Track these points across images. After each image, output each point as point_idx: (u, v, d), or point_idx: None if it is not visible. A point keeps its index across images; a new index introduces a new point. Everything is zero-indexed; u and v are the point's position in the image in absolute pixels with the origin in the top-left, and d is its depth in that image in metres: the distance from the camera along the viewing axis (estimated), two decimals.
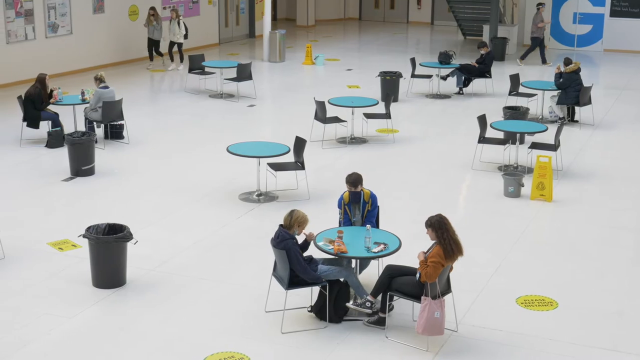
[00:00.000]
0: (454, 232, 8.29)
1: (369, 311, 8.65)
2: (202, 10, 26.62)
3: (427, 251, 8.38)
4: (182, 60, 22.68)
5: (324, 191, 12.68)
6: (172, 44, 22.60)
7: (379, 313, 8.62)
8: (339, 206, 9.60)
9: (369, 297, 8.63)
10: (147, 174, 13.70)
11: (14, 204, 12.15)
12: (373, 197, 9.54)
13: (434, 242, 8.34)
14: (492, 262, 10.37)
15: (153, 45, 22.72)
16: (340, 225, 9.53)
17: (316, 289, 8.79)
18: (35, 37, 20.71)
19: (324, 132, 15.46)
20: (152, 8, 22.67)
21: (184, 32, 22.32)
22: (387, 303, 8.57)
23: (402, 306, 8.92)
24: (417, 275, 8.33)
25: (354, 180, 9.46)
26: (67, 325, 8.62)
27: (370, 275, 9.39)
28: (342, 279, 8.73)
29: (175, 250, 10.59)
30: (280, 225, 8.65)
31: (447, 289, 8.47)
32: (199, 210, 12.10)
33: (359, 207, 9.49)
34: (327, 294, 8.59)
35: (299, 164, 12.64)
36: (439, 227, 8.27)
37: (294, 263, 8.42)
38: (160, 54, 22.88)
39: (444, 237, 8.23)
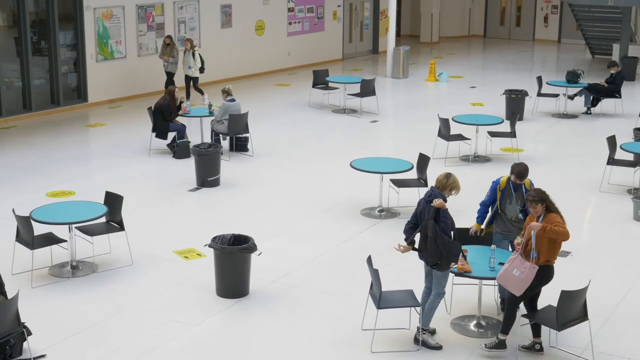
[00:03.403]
0: None
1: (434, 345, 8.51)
2: (327, 25, 26.87)
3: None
4: (202, 93, 18.48)
5: None
6: (187, 78, 19.40)
7: (499, 335, 8.38)
8: (492, 188, 9.39)
9: (423, 332, 8.51)
10: (271, 187, 13.87)
11: (142, 212, 12.50)
12: (533, 185, 9.26)
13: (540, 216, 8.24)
14: (621, 287, 10.03)
15: (169, 79, 19.44)
16: (482, 204, 9.46)
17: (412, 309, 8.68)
18: None
19: (447, 149, 15.32)
20: (169, 37, 19.61)
21: (200, 65, 19.21)
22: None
23: (527, 330, 8.68)
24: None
25: (519, 172, 9.17)
26: (191, 333, 8.80)
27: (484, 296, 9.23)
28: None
29: (297, 263, 10.67)
30: (432, 187, 8.61)
31: (583, 316, 8.21)
32: (321, 224, 12.16)
33: (519, 196, 9.21)
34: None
35: (421, 181, 12.56)
36: (546, 197, 8.30)
37: (443, 221, 8.29)
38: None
39: (555, 206, 8.29)
